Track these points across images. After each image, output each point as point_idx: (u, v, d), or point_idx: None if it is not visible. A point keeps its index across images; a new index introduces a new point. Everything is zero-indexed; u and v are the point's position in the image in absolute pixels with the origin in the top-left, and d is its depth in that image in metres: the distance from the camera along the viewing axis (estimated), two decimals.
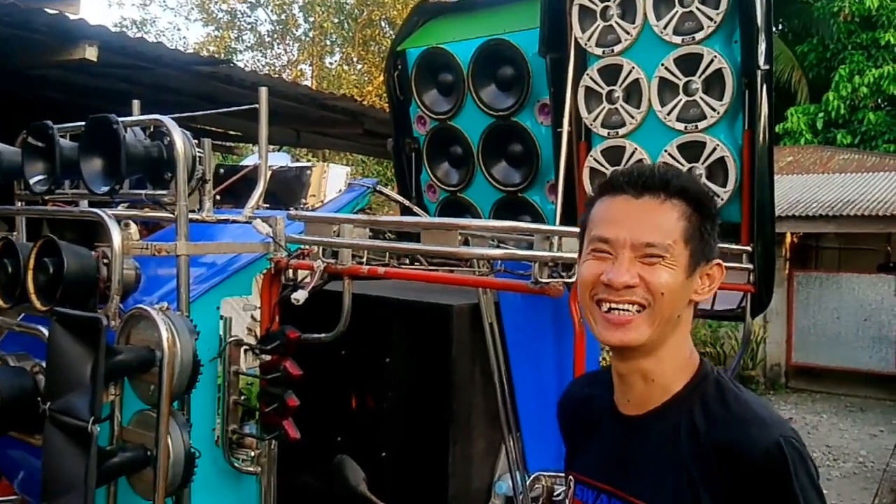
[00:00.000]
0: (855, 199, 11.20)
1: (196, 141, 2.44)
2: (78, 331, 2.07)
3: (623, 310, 1.23)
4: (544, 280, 1.95)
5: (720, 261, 1.31)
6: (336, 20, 15.75)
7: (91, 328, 2.01)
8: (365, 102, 10.15)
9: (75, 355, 2.06)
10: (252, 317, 2.77)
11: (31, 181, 2.55)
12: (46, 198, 2.71)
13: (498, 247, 3.18)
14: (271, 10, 16.59)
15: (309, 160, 12.47)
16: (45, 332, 2.25)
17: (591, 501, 1.36)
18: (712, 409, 1.24)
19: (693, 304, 1.30)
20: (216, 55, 15.30)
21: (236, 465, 2.60)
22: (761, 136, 2.81)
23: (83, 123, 2.45)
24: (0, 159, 2.63)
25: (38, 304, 2.28)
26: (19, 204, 2.89)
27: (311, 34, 16.42)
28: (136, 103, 3.03)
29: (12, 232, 3.08)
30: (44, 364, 2.29)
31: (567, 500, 1.44)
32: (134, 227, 2.77)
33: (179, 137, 2.30)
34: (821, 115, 16.43)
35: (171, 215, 2.41)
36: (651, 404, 1.30)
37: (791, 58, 17.64)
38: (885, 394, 10.51)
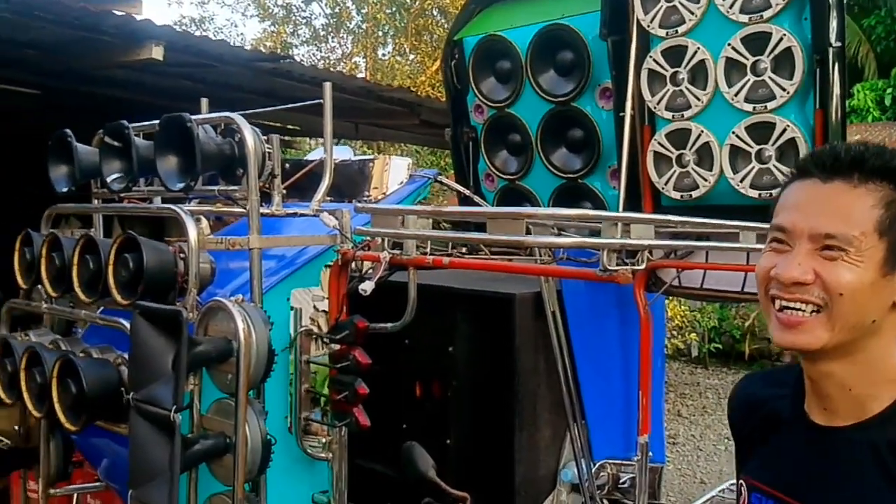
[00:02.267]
0: None
1: (264, 137, 2.49)
2: (160, 323, 2.15)
3: (795, 309, 1.10)
4: (612, 267, 1.93)
5: None
6: (388, 11, 15.81)
7: (172, 321, 2.09)
8: (418, 92, 10.19)
9: (157, 347, 2.14)
10: (315, 307, 2.83)
11: (109, 179, 2.64)
12: (122, 195, 2.81)
13: (560, 235, 3.17)
14: (325, 4, 16.76)
15: (365, 152, 12.60)
16: (127, 325, 2.35)
17: None
18: None
19: None
20: (273, 51, 15.57)
21: (309, 451, 2.66)
22: (834, 115, 2.72)
23: (156, 122, 2.53)
24: (79, 159, 2.73)
25: (119, 299, 2.37)
26: (97, 202, 3.01)
27: (364, 26, 16.53)
28: (204, 101, 3.11)
29: (90, 229, 3.21)
30: (126, 356, 2.38)
31: None
32: (205, 223, 2.85)
33: (250, 134, 2.36)
34: (889, 90, 15.74)
35: (241, 210, 2.48)
36: (852, 416, 1.15)
37: (857, 31, 16.95)
38: None
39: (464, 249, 3.66)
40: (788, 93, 2.77)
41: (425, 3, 14.99)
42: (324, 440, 2.75)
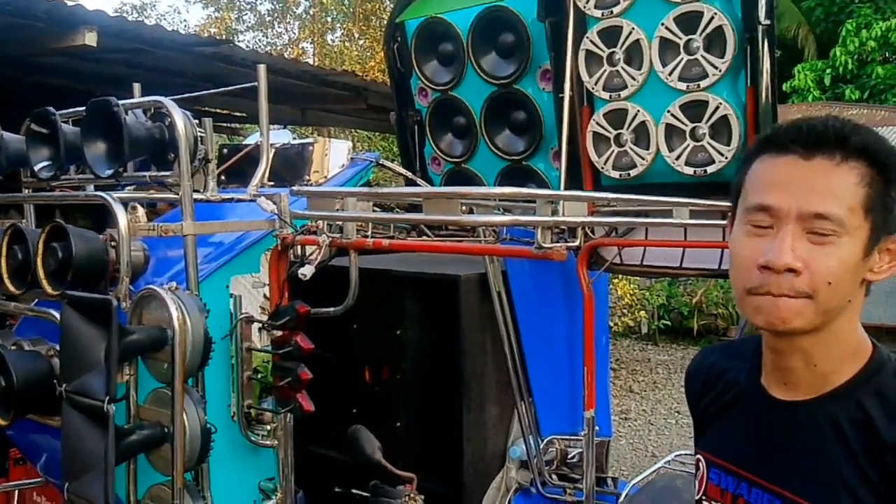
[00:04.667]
0: None
1: (197, 121, 2.44)
2: (90, 313, 2.10)
3: (785, 296, 1.06)
4: (548, 245, 1.95)
5: None
6: None
7: (102, 310, 2.05)
8: (367, 77, 10.09)
9: (88, 337, 2.09)
10: (264, 295, 2.80)
11: (37, 168, 2.57)
12: (53, 184, 2.73)
13: (505, 215, 3.19)
14: None
15: (315, 138, 12.45)
16: (58, 316, 2.29)
17: (732, 489, 1.23)
18: (895, 405, 1.09)
19: (867, 284, 1.12)
20: (217, 37, 15.26)
21: (252, 438, 2.64)
22: (764, 92, 2.78)
23: (85, 108, 2.47)
24: (6, 147, 2.65)
25: (49, 289, 2.31)
26: (26, 191, 2.92)
27: (311, 11, 16.32)
28: (136, 86, 3.04)
29: (21, 219, 3.12)
30: (58, 347, 2.33)
31: (697, 483, 1.31)
32: (141, 210, 2.78)
33: (180, 118, 2.31)
34: (828, 70, 16.20)
35: (176, 196, 2.43)
36: (812, 390, 1.15)
37: (797, 14, 17.36)
38: None
39: (415, 233, 3.67)
40: (720, 71, 2.82)
41: None
42: (269, 428, 2.73)
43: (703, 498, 1.29)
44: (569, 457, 3.50)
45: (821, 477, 1.11)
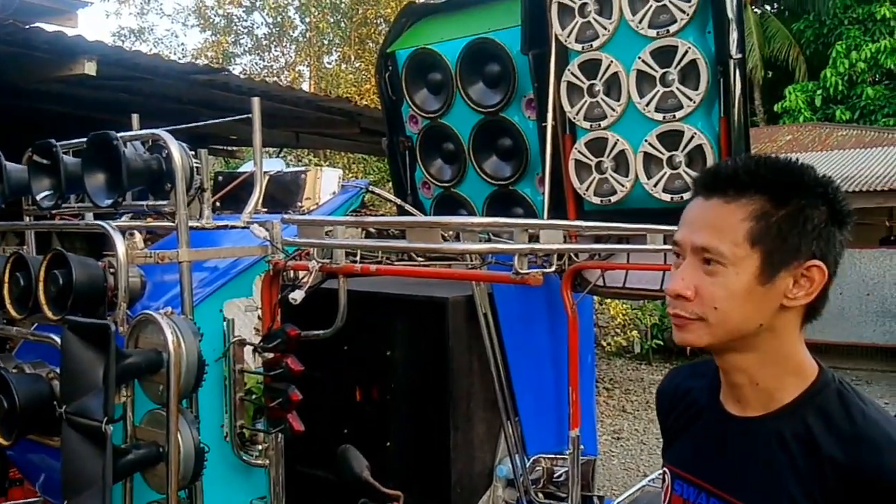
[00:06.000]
0: (854, 174, 11.25)
1: (193, 152, 2.55)
2: (89, 337, 2.20)
3: (681, 316, 1.20)
4: (524, 271, 2.05)
5: (819, 263, 1.15)
6: (332, 20, 15.84)
7: (101, 334, 2.14)
8: (364, 100, 10.26)
9: (87, 360, 2.19)
10: (258, 317, 2.90)
11: (39, 197, 2.67)
12: (53, 212, 2.84)
13: (490, 241, 3.29)
14: (267, 14, 16.70)
15: (310, 161, 12.59)
16: (58, 339, 2.38)
17: (693, 499, 1.32)
18: (836, 423, 1.16)
19: (794, 310, 1.19)
20: (214, 60, 15.43)
21: (245, 458, 2.73)
22: (736, 122, 2.91)
23: (85, 140, 2.58)
24: (8, 177, 2.75)
25: (49, 314, 2.40)
26: (28, 219, 3.02)
27: (307, 35, 16.52)
28: (135, 117, 3.15)
29: (22, 246, 3.22)
30: (58, 370, 2.42)
31: (664, 493, 1.41)
32: (139, 237, 2.89)
33: (177, 150, 2.42)
34: (819, 91, 16.44)
35: (172, 224, 2.53)
36: (761, 407, 1.24)
37: (787, 36, 17.64)
38: (891, 366, 10.59)
39: (406, 258, 3.76)
40: (695, 102, 2.95)
41: (368, 12, 15.06)
42: (260, 447, 2.81)
43: None
44: (555, 475, 3.57)
45: (769, 488, 1.19)
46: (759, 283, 1.16)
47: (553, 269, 2.40)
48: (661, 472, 3.94)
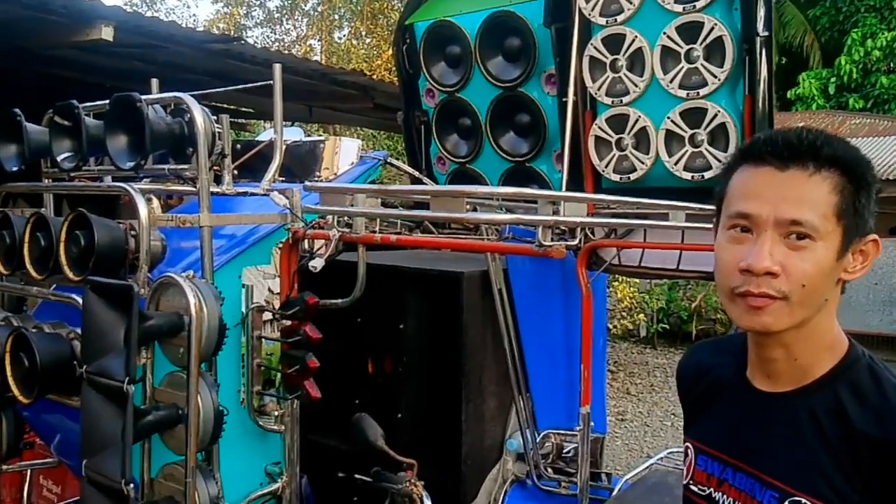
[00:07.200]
0: None
1: (214, 118, 2.55)
2: (111, 298, 2.20)
3: (764, 296, 1.15)
4: (548, 243, 2.05)
5: (875, 236, 1.19)
6: None
7: (124, 295, 2.15)
8: (374, 76, 10.19)
9: (109, 321, 2.20)
10: (269, 289, 2.90)
11: (59, 158, 2.67)
12: (73, 174, 2.83)
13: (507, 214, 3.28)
14: None
15: (320, 135, 12.55)
16: (79, 300, 2.39)
17: (718, 474, 1.32)
18: (867, 397, 1.17)
19: (842, 283, 1.21)
20: (226, 32, 15.34)
21: (261, 423, 2.75)
22: (761, 101, 2.88)
23: (107, 102, 2.56)
24: (28, 138, 2.74)
25: (71, 275, 2.41)
26: (47, 181, 3.02)
27: (319, 9, 16.41)
28: (154, 82, 3.14)
29: (40, 208, 3.22)
30: (78, 331, 2.43)
31: (686, 468, 1.40)
32: (156, 202, 2.89)
33: (200, 114, 2.41)
34: (833, 79, 16.28)
35: (193, 189, 2.53)
36: (792, 382, 1.24)
37: (803, 22, 17.45)
38: None
39: (419, 231, 3.76)
40: (719, 80, 2.92)
41: None
42: (277, 414, 2.83)
43: (691, 482, 1.39)
44: (564, 451, 3.59)
45: (799, 463, 1.19)
46: (837, 258, 1.16)
47: (577, 241, 2.39)
48: (668, 452, 3.94)
